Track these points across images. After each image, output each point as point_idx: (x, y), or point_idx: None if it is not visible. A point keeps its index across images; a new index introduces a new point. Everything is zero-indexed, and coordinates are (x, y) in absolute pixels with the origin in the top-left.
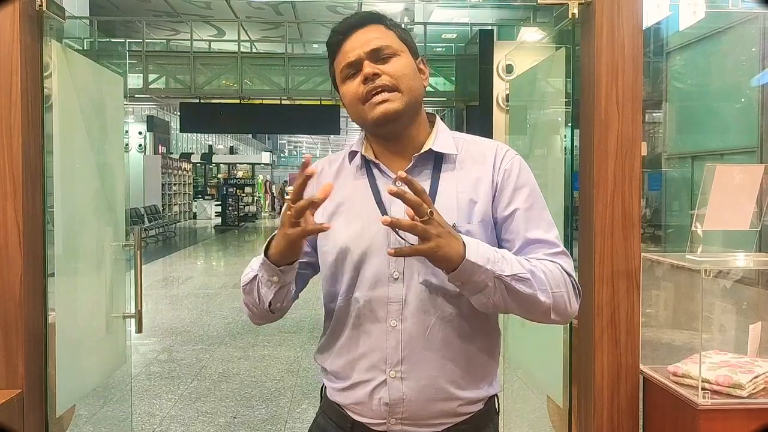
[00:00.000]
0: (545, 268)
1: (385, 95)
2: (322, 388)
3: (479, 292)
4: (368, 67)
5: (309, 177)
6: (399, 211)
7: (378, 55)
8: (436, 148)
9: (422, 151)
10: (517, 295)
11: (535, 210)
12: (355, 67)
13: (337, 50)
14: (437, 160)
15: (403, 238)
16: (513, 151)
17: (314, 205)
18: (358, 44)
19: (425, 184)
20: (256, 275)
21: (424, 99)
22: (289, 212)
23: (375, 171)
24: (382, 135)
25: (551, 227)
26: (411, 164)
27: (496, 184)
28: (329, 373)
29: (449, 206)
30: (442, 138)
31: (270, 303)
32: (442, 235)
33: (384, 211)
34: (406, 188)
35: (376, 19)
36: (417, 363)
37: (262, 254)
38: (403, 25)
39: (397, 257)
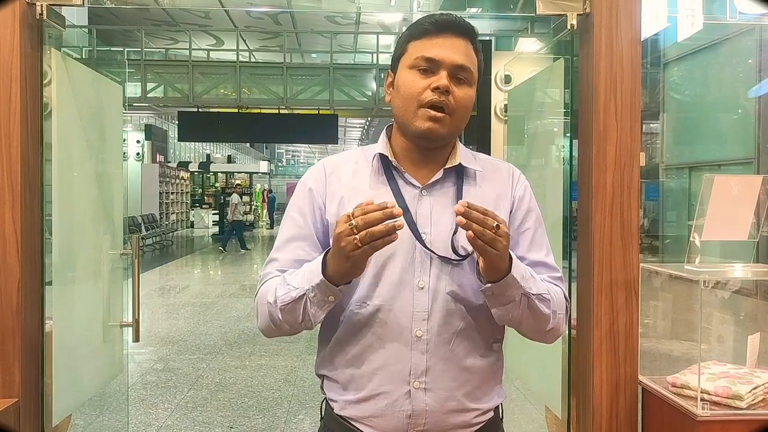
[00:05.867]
0: (554, 290)
1: (441, 115)
2: (322, 404)
3: (505, 305)
4: (445, 79)
5: (390, 217)
6: (425, 218)
7: (457, 73)
8: (464, 163)
9: (453, 164)
10: (536, 312)
11: (539, 234)
12: (433, 65)
13: (423, 36)
14: (459, 175)
15: (429, 249)
16: (523, 175)
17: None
18: (448, 48)
19: (450, 196)
20: (303, 295)
21: None
22: (352, 237)
23: (397, 177)
24: (414, 140)
25: (550, 252)
26: (440, 176)
27: (513, 203)
28: (339, 384)
29: None
30: (464, 153)
31: (314, 322)
32: (506, 247)
33: (410, 218)
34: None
35: (472, 36)
36: (440, 374)
37: (320, 275)
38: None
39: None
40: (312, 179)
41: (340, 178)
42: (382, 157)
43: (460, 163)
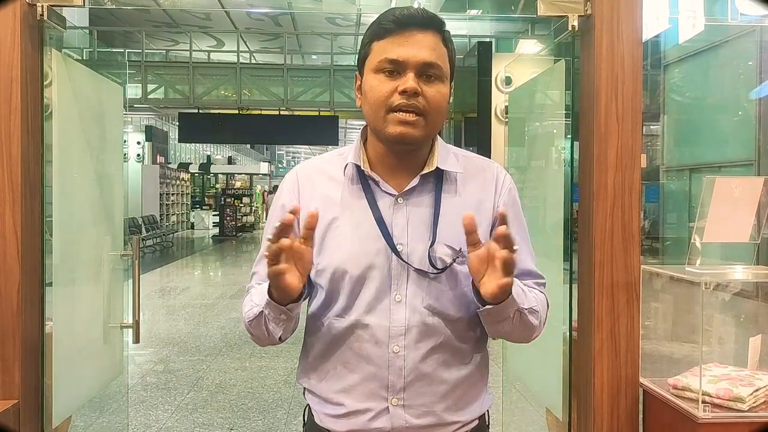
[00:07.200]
0: (539, 299)
1: (412, 117)
2: (305, 411)
3: (500, 322)
4: (412, 81)
5: (289, 226)
6: (401, 228)
7: (426, 71)
8: (443, 167)
9: (430, 170)
10: (526, 325)
11: (524, 241)
12: (398, 67)
13: (386, 36)
14: (438, 178)
15: (405, 261)
16: (509, 176)
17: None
18: (412, 46)
19: (428, 204)
20: (262, 311)
21: None
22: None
23: (373, 186)
24: (388, 145)
25: (534, 258)
26: (417, 183)
27: (496, 208)
28: (318, 397)
29: (454, 230)
30: (444, 155)
31: (280, 337)
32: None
33: (385, 230)
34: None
35: (439, 27)
36: (419, 390)
37: (266, 295)
38: None
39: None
40: (286, 191)
41: (314, 185)
42: (356, 166)
43: (437, 167)
